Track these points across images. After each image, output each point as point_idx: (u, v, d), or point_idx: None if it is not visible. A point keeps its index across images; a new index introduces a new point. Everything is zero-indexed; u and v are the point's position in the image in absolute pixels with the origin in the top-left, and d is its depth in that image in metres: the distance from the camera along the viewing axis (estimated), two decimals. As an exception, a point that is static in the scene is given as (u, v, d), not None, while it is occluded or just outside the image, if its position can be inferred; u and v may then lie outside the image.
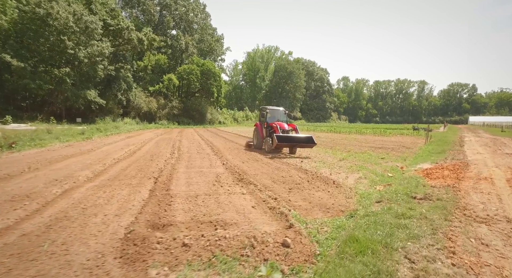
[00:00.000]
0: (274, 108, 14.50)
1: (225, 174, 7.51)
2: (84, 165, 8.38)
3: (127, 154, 11.24)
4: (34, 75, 28.96)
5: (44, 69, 30.53)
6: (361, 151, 13.99)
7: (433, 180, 7.21)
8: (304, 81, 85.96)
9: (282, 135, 11.73)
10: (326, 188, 6.19)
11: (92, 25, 32.33)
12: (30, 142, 13.58)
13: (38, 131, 18.81)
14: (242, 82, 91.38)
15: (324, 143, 18.26)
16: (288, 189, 6.00)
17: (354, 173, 8.14)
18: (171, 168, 8.27)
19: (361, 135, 25.20)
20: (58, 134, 18.60)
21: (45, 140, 15.31)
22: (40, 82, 28.96)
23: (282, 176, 7.32)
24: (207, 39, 64.57)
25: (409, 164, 10.43)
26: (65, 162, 8.99)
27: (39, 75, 29.49)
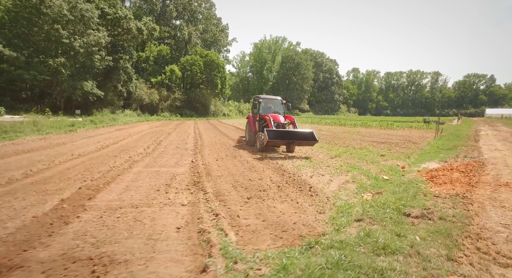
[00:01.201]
0: (269, 98, 12.36)
1: (184, 175, 6.25)
2: (29, 162, 7.27)
3: (95, 149, 10.13)
4: (29, 65, 28.18)
5: (40, 59, 29.74)
6: (360, 146, 12.50)
7: (438, 185, 5.76)
8: (312, 73, 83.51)
9: (274, 130, 9.56)
10: (297, 197, 4.86)
11: (88, 14, 31.24)
12: (1, 134, 12.63)
13: (24, 123, 18.01)
14: (249, 73, 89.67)
15: (323, 136, 16.78)
16: (246, 199, 4.69)
17: (342, 174, 6.75)
18: (128, 166, 7.08)
19: (366, 129, 23.51)
20: (44, 126, 17.78)
21: (22, 133, 14.41)
22: (35, 73, 28.15)
23: (249, 179, 6.01)
24: (211, 30, 62.92)
25: (413, 162, 8.94)
26: (12, 158, 7.91)
27: (34, 65, 28.70)
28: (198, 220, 3.67)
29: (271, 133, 9.28)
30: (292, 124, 11.02)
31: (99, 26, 33.68)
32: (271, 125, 10.14)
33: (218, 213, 3.89)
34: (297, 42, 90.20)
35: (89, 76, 33.33)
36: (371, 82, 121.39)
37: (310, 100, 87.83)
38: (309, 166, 7.63)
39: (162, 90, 50.83)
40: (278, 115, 10.82)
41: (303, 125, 28.36)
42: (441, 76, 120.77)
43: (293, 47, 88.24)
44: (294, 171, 7.01)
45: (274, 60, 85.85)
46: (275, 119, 10.48)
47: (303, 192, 5.20)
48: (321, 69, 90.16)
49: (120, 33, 38.30)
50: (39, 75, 28.42)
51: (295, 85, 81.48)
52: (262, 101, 11.75)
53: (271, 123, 10.21)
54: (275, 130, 9.60)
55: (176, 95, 51.96)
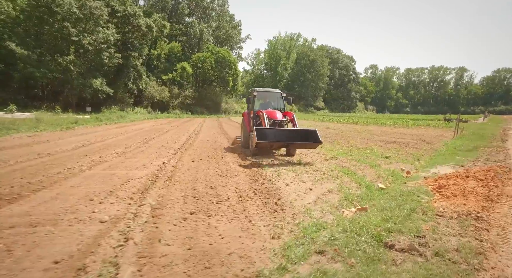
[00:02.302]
0: (266, 90, 10.59)
1: (139, 180, 5.35)
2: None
3: (73, 147, 9.48)
4: (40, 63, 28.50)
5: (51, 58, 30.06)
6: (365, 146, 11.20)
7: (446, 199, 4.53)
8: (328, 70, 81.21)
9: (266, 129, 7.72)
10: (254, 213, 3.83)
11: (97, 11, 31.27)
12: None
13: (26, 120, 17.98)
14: (264, 71, 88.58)
15: (329, 135, 15.52)
16: (188, 214, 3.72)
17: (328, 181, 5.62)
18: (87, 168, 6.29)
19: (379, 127, 21.87)
20: (43, 124, 17.64)
21: (15, 130, 14.15)
22: (45, 71, 28.46)
23: (211, 186, 5.02)
24: (224, 26, 62.26)
25: (422, 166, 7.62)
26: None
27: (45, 63, 29.01)
28: (94, 248, 2.73)
29: (262, 132, 7.45)
30: (292, 122, 9.15)
31: (109, 23, 33.76)
32: (264, 123, 8.33)
33: (130, 237, 2.93)
34: (313, 39, 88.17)
35: (99, 74, 33.46)
36: (390, 79, 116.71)
37: (325, 98, 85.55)
38: (293, 170, 6.53)
39: (173, 88, 50.74)
40: (274, 111, 8.99)
41: (312, 123, 27.03)
42: (467, 72, 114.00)
43: (308, 44, 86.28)
44: (272, 176, 5.96)
45: (289, 57, 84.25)
46: (270, 115, 8.70)
47: (267, 205, 4.16)
48: (337, 66, 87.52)
49: (130, 30, 38.32)
50: (49, 73, 28.75)
51: (310, 83, 79.51)
52: (257, 94, 9.95)
53: (265, 120, 8.40)
54: (268, 129, 7.74)
55: (187, 93, 51.73)
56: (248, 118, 9.78)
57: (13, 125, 15.08)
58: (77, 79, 30.62)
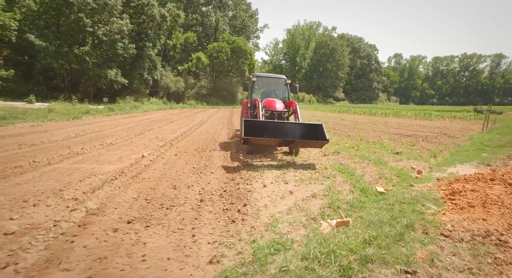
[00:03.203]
0: (268, 76, 9.05)
1: (101, 176, 4.76)
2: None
3: (65, 138, 9.16)
4: (57, 54, 29.01)
5: (68, 49, 30.51)
6: (377, 139, 10.08)
7: (459, 210, 3.55)
8: (348, 59, 77.92)
9: (255, 122, 6.22)
10: (206, 224, 3.10)
11: (111, 1, 31.23)
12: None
13: (39, 110, 18.26)
14: (282, 61, 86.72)
15: (340, 127, 14.40)
16: (124, 222, 3.05)
17: (316, 182, 4.76)
18: (57, 161, 5.81)
19: (398, 119, 20.27)
20: (57, 113, 17.86)
21: (22, 119, 14.22)
22: (62, 62, 28.96)
23: (174, 186, 4.34)
24: (240, 15, 60.91)
25: (438, 164, 6.53)
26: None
27: (62, 55, 29.49)
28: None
29: (252, 126, 5.92)
30: (294, 114, 7.36)
31: (124, 14, 33.70)
32: (259, 115, 6.80)
33: (22, 258, 2.29)
34: (333, 27, 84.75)
35: (115, 65, 33.69)
36: (415, 69, 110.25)
37: (345, 88, 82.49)
38: (279, 167, 5.69)
39: (189, 78, 50.57)
40: (274, 100, 7.39)
41: (327, 114, 25.72)
42: (505, 59, 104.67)
43: (328, 33, 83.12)
44: (253, 174, 5.16)
45: (308, 47, 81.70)
46: (268, 105, 7.16)
47: (227, 213, 3.41)
48: (358, 55, 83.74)
49: (145, 20, 38.17)
50: (66, 64, 29.27)
51: (330, 73, 76.84)
52: (257, 80, 8.49)
53: (260, 111, 6.83)
54: (259, 122, 6.20)
55: (202, 83, 51.42)
56: (246, 109, 8.34)
57: (23, 115, 15.20)
58: (93, 70, 30.99)
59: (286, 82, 8.40)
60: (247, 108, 8.33)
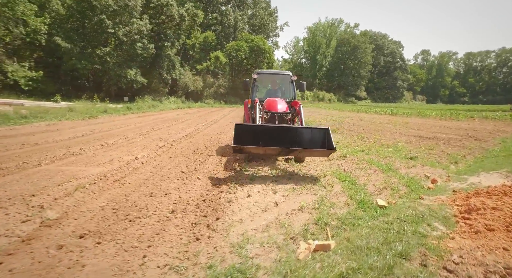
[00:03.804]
0: (271, 73, 8.41)
1: (81, 181, 4.55)
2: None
3: (70, 137, 9.24)
4: (81, 56, 30.13)
5: (91, 50, 31.60)
6: (392, 142, 9.29)
7: (473, 235, 2.93)
8: (371, 57, 75.15)
9: (248, 127, 5.47)
10: (165, 242, 2.73)
11: (131, 3, 31.97)
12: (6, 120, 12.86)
13: (60, 109, 18.98)
14: (303, 60, 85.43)
15: (356, 128, 13.61)
16: (75, 237, 2.75)
17: (309, 192, 4.26)
18: (49, 162, 5.72)
19: (421, 119, 18.95)
20: (76, 112, 18.47)
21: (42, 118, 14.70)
22: (85, 62, 30.05)
23: (151, 194, 4.01)
24: (259, 14, 60.50)
25: (459, 171, 5.77)
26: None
27: (86, 56, 30.59)
28: None
29: (244, 132, 5.05)
30: (298, 115, 6.47)
31: (143, 14, 34.40)
32: (257, 118, 6.01)
33: None
34: (355, 24, 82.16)
35: (134, 65, 34.50)
36: (445, 66, 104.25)
37: (368, 87, 79.72)
38: (272, 174, 5.22)
39: (207, 77, 50.93)
40: (275, 100, 6.43)
41: (345, 114, 24.71)
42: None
43: (350, 30, 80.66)
44: (240, 182, 4.74)
45: (329, 45, 79.82)
46: (269, 106, 6.28)
47: (195, 228, 3.03)
48: (382, 53, 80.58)
49: (164, 20, 38.78)
50: (89, 65, 30.36)
51: (351, 71, 74.52)
52: (259, 77, 7.59)
53: (258, 113, 6.05)
54: (254, 127, 5.41)
55: (220, 82, 51.61)
56: (247, 110, 7.43)
57: (44, 114, 15.73)
58: (114, 70, 31.92)
59: (292, 79, 7.43)
60: (248, 109, 7.42)
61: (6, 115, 14.10)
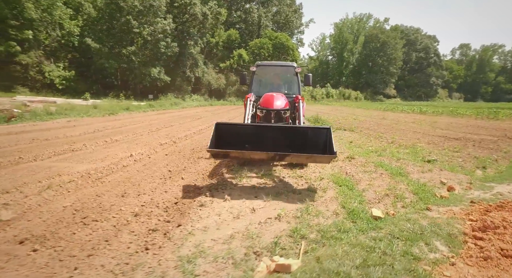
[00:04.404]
0: (272, 65, 7.44)
1: (64, 178, 4.43)
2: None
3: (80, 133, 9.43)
4: (109, 55, 31.43)
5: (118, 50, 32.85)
6: (413, 142, 8.44)
7: (482, 261, 2.33)
8: (401, 53, 71.20)
9: (230, 127, 5.01)
10: (106, 252, 2.44)
11: (155, 3, 32.76)
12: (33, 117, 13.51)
13: (86, 106, 19.89)
14: (329, 57, 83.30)
15: (376, 127, 12.71)
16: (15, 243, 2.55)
17: (295, 198, 3.79)
18: (45, 157, 5.75)
19: (452, 118, 17.38)
20: (100, 109, 19.19)
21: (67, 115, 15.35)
22: (113, 62, 31.32)
23: (123, 194, 3.77)
24: (283, 11, 59.58)
25: (485, 179, 4.99)
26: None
27: (113, 55, 31.85)
28: None
29: (227, 132, 4.38)
30: (296, 111, 5.84)
31: (167, 14, 35.13)
32: (246, 116, 5.31)
33: None
34: (385, 19, 78.41)
35: (158, 63, 35.38)
36: (488, 60, 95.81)
37: (397, 84, 75.71)
38: (263, 176, 4.78)
39: (230, 75, 51.11)
40: (273, 96, 5.59)
41: (370, 113, 23.45)
42: None
43: (379, 25, 77.07)
44: (224, 183, 4.37)
45: (357, 41, 76.94)
46: (265, 102, 5.48)
47: (151, 235, 2.71)
48: (414, 48, 76.05)
49: (188, 19, 39.35)
50: (116, 64, 31.61)
51: (380, 68, 71.17)
52: (259, 70, 6.72)
53: (249, 110, 5.37)
54: (239, 128, 4.74)
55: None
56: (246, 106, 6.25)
57: (68, 111, 16.49)
58: (139, 68, 32.97)
59: (296, 71, 6.50)
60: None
61: (34, 112, 14.87)
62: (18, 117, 13.10)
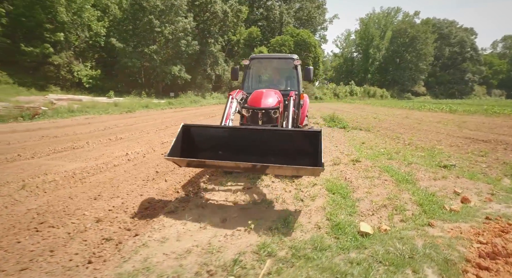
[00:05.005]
0: (268, 57, 6.70)
1: (49, 177, 4.38)
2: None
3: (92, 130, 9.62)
4: (132, 54, 32.42)
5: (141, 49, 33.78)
6: (432, 144, 7.68)
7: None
8: (433, 48, 67.08)
9: (199, 129, 3.99)
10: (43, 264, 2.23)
11: (176, 2, 33.26)
12: (55, 114, 14.08)
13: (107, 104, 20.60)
14: (354, 53, 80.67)
15: (395, 127, 11.86)
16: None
17: (277, 206, 3.40)
18: (42, 154, 5.80)
19: (486, 118, 15.88)
20: (120, 107, 19.81)
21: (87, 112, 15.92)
22: (135, 61, 32.28)
23: (97, 197, 3.59)
24: (306, 7, 58.34)
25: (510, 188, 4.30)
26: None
27: (136, 54, 32.80)
28: None
29: (192, 136, 3.72)
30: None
31: (188, 13, 35.58)
32: (228, 115, 4.21)
33: None
34: (416, 12, 74.17)
35: (179, 61, 35.98)
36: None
37: (428, 81, 71.58)
38: (247, 181, 4.43)
39: (251, 73, 50.79)
40: (261, 93, 4.78)
41: (391, 111, 22.17)
42: None
43: (409, 19, 73.06)
44: (206, 187, 4.09)
45: (384, 36, 73.60)
46: (252, 100, 4.72)
47: (104, 244, 2.49)
48: (447, 43, 71.32)
49: (209, 17, 39.59)
50: (138, 62, 32.56)
51: (408, 64, 67.59)
52: (253, 64, 5.99)
53: (230, 109, 4.33)
54: (209, 130, 3.97)
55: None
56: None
57: (89, 109, 17.10)
58: (160, 67, 33.73)
59: (295, 63, 5.66)
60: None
61: (57, 110, 15.54)
62: (41, 115, 13.72)
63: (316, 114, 17.47)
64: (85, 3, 28.28)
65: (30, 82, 24.88)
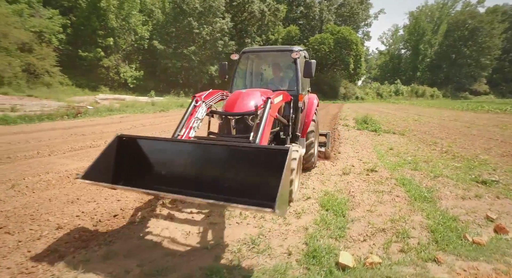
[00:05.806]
0: (264, 50, 5.50)
1: (48, 176, 4.50)
2: None
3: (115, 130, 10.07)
4: (172, 55, 33.95)
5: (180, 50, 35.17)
6: (474, 153, 6.51)
7: None
8: (500, 40, 59.19)
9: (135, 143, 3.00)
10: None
11: (215, 4, 33.98)
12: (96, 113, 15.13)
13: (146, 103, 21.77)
14: (402, 50, 75.28)
15: (436, 131, 10.51)
16: None
17: (251, 224, 2.97)
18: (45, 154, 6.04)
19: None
20: (156, 106, 20.81)
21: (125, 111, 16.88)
22: (175, 61, 33.78)
23: (73, 201, 3.52)
24: (348, 3, 55.64)
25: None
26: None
27: (175, 55, 34.28)
28: None
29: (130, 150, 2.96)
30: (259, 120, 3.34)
31: (226, 13, 36.14)
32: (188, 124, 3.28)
33: None
34: (479, 0, 65.91)
35: (216, 61, 36.77)
36: None
37: (492, 78, 63.51)
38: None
39: (288, 72, 49.99)
40: (240, 94, 3.58)
41: (438, 112, 19.91)
42: None
43: (470, 9, 65.44)
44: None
45: (437, 30, 67.16)
46: (227, 103, 3.56)
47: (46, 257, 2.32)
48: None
49: (247, 17, 39.78)
50: (178, 63, 33.99)
51: (466, 60, 60.68)
52: (244, 59, 5.10)
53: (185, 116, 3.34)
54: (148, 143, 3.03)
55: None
56: None
57: (127, 108, 18.13)
58: (198, 67, 34.83)
59: (293, 57, 4.46)
60: None
61: (98, 109, 16.73)
62: (83, 113, 14.84)
63: (351, 116, 16.35)
64: (132, 9, 30.28)
65: (85, 83, 27.47)
